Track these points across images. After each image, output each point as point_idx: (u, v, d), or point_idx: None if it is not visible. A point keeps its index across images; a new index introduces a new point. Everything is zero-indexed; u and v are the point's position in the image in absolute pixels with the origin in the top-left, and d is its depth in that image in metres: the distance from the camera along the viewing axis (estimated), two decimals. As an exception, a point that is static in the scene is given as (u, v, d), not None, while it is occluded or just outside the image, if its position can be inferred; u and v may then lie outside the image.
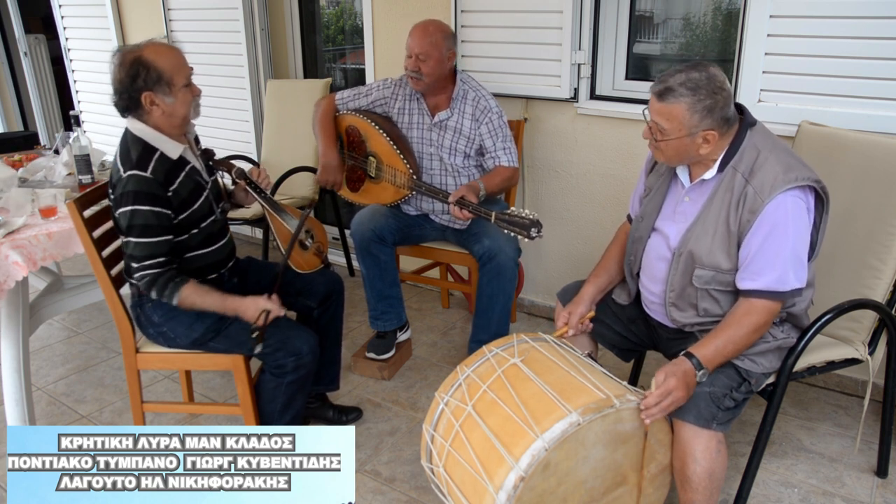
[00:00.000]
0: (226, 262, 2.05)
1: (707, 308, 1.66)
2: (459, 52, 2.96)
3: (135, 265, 1.80)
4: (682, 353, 1.56)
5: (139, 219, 1.77)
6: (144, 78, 1.76)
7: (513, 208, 2.13)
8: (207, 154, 2.06)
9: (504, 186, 2.52)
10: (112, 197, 1.83)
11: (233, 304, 1.86)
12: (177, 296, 1.81)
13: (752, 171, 1.55)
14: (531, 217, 2.07)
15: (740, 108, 1.61)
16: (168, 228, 1.82)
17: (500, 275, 2.44)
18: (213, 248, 1.98)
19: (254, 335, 1.83)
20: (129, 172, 1.76)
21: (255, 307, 1.84)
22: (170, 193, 1.81)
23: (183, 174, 1.85)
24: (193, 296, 1.83)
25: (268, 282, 2.07)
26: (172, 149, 1.84)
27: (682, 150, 1.58)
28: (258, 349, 1.86)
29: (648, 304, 1.84)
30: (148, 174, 1.77)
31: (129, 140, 1.82)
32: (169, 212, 1.81)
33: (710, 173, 1.62)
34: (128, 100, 1.79)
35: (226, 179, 2.16)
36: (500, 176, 2.50)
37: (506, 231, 2.13)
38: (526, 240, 2.09)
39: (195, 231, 1.90)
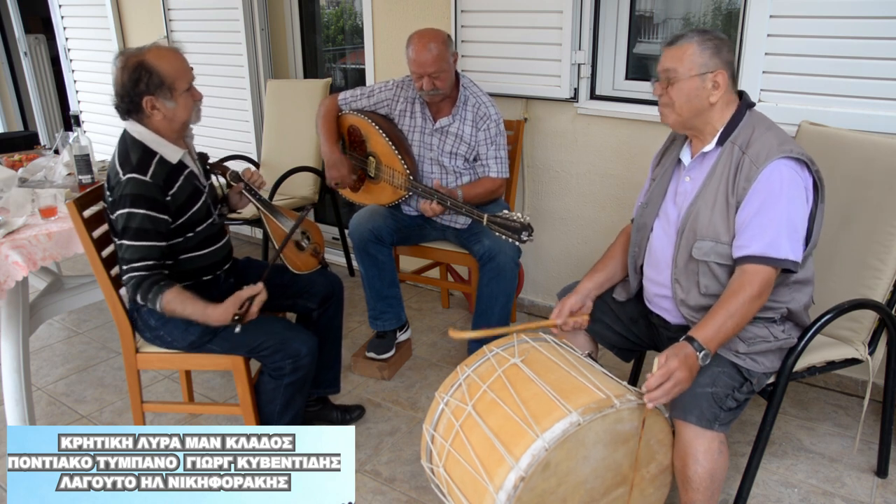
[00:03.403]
0: (222, 264, 2.05)
1: (707, 285, 1.66)
2: (459, 53, 2.97)
3: (124, 267, 1.79)
4: (683, 337, 1.55)
5: (135, 222, 1.76)
6: (146, 82, 1.76)
7: (505, 212, 2.14)
8: (202, 158, 2.06)
9: (486, 198, 2.53)
10: (110, 198, 1.82)
11: (214, 314, 1.78)
12: (159, 300, 1.75)
13: (748, 144, 1.60)
14: (522, 221, 2.08)
15: (740, 93, 1.67)
16: (163, 234, 1.80)
17: (500, 275, 2.44)
18: (209, 250, 1.97)
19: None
20: (129, 175, 1.75)
21: (233, 308, 1.79)
22: (168, 198, 1.80)
23: (182, 178, 1.85)
24: (174, 302, 1.76)
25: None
26: (172, 153, 1.83)
27: (693, 97, 1.60)
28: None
29: (651, 298, 1.84)
30: (148, 178, 1.76)
31: (128, 142, 1.81)
32: (166, 217, 1.80)
33: (710, 146, 1.65)
34: (129, 103, 1.79)
35: (220, 181, 2.16)
36: (483, 187, 2.52)
37: (496, 234, 2.14)
38: (516, 243, 2.10)
39: (191, 234, 1.90)
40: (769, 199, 1.54)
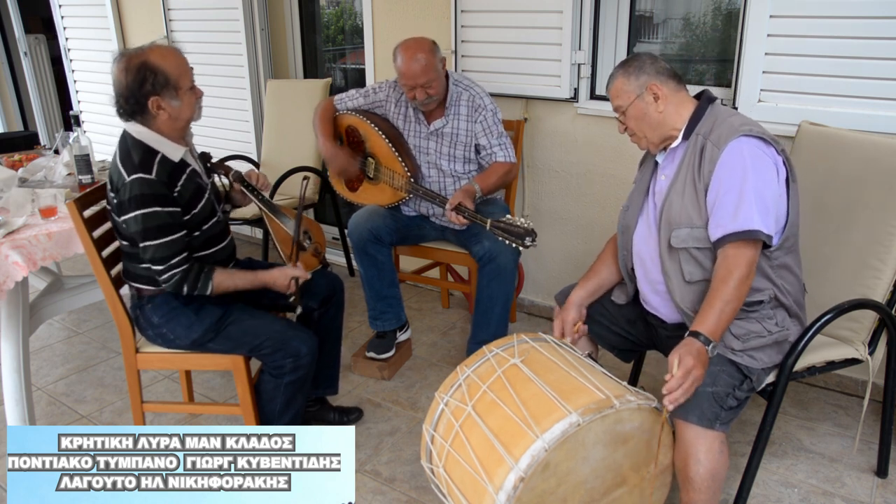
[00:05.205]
0: (226, 263, 2.05)
1: (691, 272, 1.67)
2: (459, 53, 2.97)
3: (160, 267, 1.80)
4: (687, 333, 1.54)
5: (153, 220, 1.76)
6: (152, 83, 1.75)
7: (508, 216, 2.14)
8: (204, 157, 2.06)
9: (501, 183, 2.52)
10: (115, 201, 1.81)
11: (263, 277, 1.96)
12: (210, 284, 1.86)
13: (711, 131, 1.65)
14: (525, 226, 2.09)
15: (702, 92, 1.74)
16: (182, 224, 1.83)
17: (499, 276, 2.44)
18: (214, 249, 1.97)
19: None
20: (134, 176, 1.75)
21: (285, 276, 1.96)
22: (174, 195, 1.81)
23: (184, 176, 1.85)
24: (226, 280, 1.89)
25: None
26: (173, 151, 1.83)
27: (644, 118, 1.70)
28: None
29: (645, 297, 1.84)
30: (153, 176, 1.76)
31: (129, 143, 1.80)
32: (179, 209, 1.82)
33: (676, 142, 1.71)
34: (134, 105, 1.78)
35: (223, 181, 2.16)
36: (496, 173, 2.50)
37: (500, 238, 2.14)
38: (520, 248, 2.10)
39: (197, 234, 1.90)
40: (734, 175, 1.57)
